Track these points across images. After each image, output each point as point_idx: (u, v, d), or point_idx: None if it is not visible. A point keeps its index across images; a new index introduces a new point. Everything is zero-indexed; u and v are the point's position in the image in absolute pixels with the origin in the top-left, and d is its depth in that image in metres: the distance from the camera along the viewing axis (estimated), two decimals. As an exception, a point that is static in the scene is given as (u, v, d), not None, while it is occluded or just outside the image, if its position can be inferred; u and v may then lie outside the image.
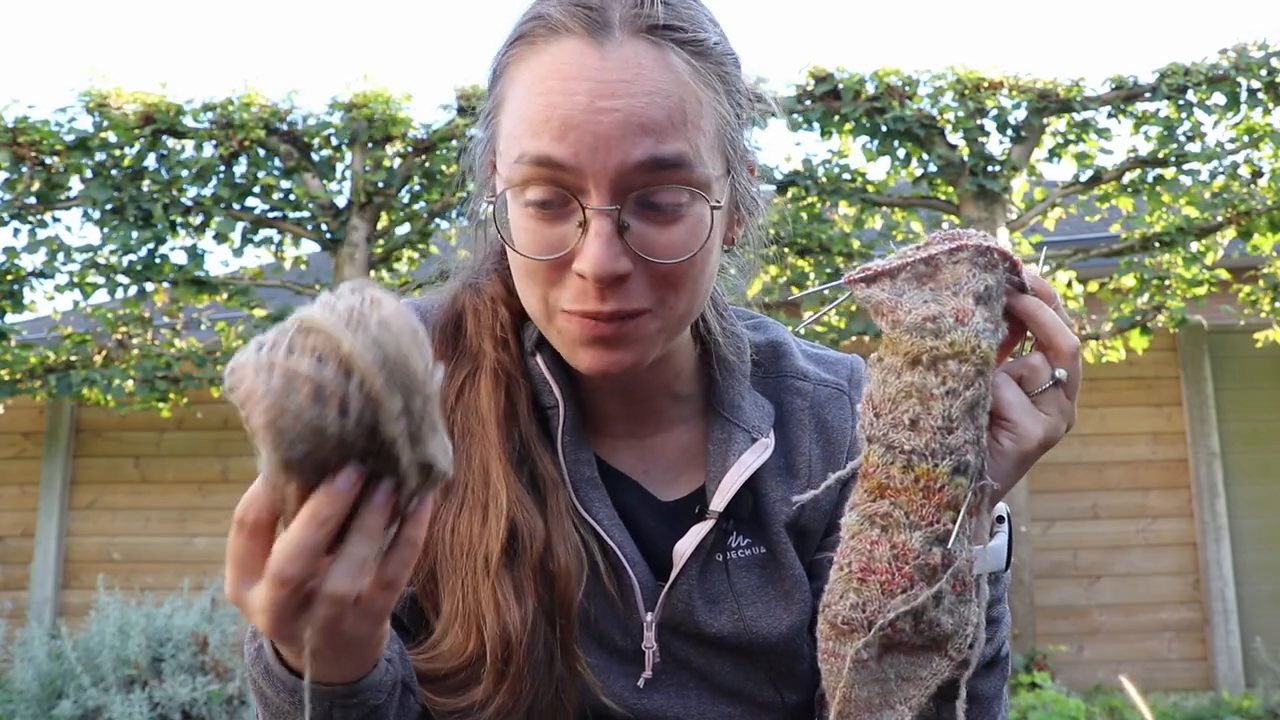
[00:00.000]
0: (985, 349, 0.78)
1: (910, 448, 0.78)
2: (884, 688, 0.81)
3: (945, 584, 0.78)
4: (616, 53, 0.89)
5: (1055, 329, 0.83)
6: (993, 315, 0.79)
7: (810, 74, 6.39)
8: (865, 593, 0.78)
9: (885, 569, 0.78)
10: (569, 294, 0.92)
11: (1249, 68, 6.15)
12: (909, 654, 0.81)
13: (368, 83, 6.61)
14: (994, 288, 0.80)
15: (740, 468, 1.03)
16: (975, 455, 0.78)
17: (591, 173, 0.87)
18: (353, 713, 0.82)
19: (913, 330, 0.79)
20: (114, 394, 6.47)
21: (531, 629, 0.93)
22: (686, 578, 1.02)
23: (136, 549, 7.35)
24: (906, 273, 0.80)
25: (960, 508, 0.78)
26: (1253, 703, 5.92)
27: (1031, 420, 0.83)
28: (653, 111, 0.88)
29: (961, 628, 0.80)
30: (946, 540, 0.78)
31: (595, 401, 1.07)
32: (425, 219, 6.67)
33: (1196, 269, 6.27)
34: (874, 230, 6.65)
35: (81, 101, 6.47)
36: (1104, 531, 6.92)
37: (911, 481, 0.77)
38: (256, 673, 0.84)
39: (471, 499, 0.97)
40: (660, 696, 1.02)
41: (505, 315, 1.05)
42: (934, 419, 0.77)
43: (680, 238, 0.91)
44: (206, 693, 5.05)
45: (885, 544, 0.78)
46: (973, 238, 0.81)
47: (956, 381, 0.77)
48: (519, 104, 0.92)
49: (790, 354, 1.14)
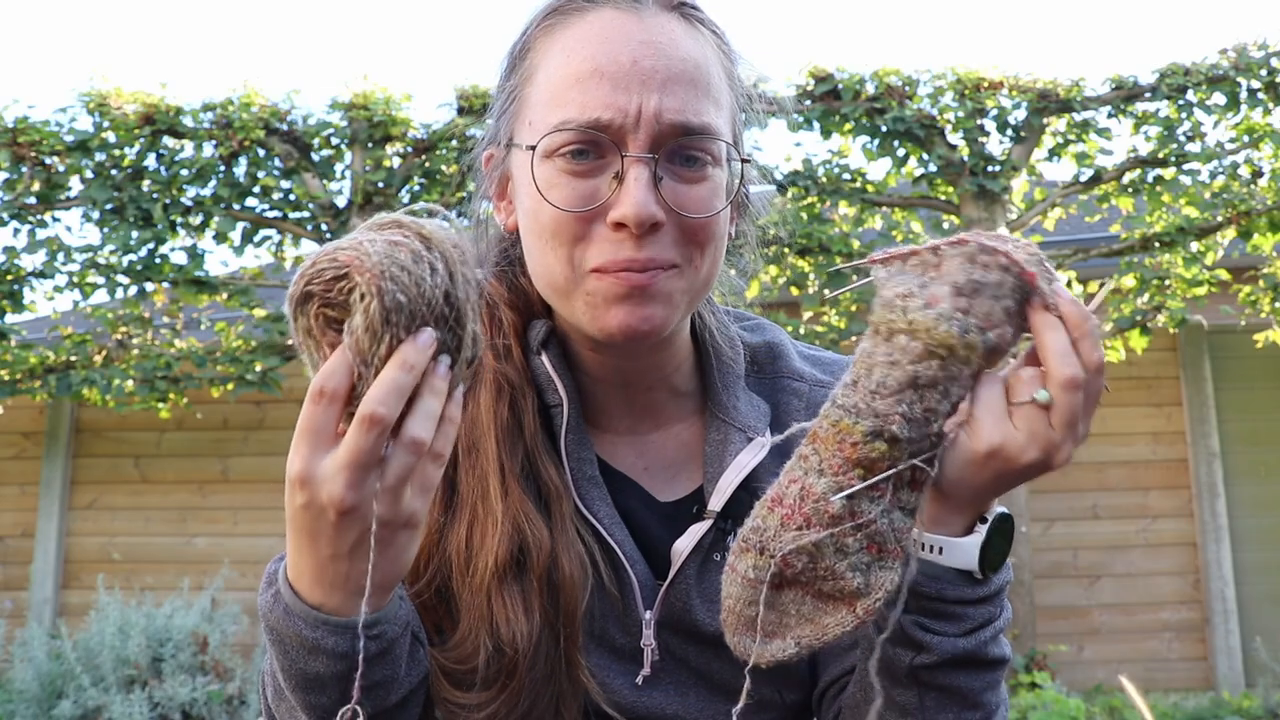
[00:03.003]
0: (942, 334, 0.79)
1: (842, 403, 0.82)
2: (781, 618, 0.86)
3: (853, 540, 0.82)
4: (652, 20, 0.96)
5: (1055, 353, 0.80)
6: (976, 309, 0.80)
7: (810, 74, 6.39)
8: (768, 520, 0.84)
9: (789, 504, 0.83)
10: (599, 249, 0.94)
11: (1249, 68, 6.15)
12: (816, 598, 0.85)
13: (368, 83, 6.62)
14: (987, 284, 0.80)
15: (737, 468, 1.03)
16: (906, 429, 0.80)
17: (631, 124, 0.92)
18: (372, 644, 0.84)
19: (884, 305, 0.82)
20: (114, 394, 6.47)
21: (536, 643, 0.94)
22: (685, 577, 1.02)
23: (136, 549, 7.35)
24: (916, 260, 0.83)
25: (873, 469, 0.81)
26: (1253, 703, 5.92)
27: (992, 424, 0.81)
28: (690, 72, 0.94)
29: (873, 590, 0.83)
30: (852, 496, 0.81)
31: (597, 397, 1.07)
32: (425, 219, 6.66)
33: (1196, 269, 6.27)
34: (874, 230, 6.65)
35: (81, 101, 6.47)
36: (1104, 531, 6.92)
37: (833, 433, 0.82)
38: (275, 618, 0.85)
39: (478, 514, 0.97)
40: (659, 694, 1.02)
41: (509, 318, 1.05)
42: (870, 383, 0.81)
43: (705, 195, 0.96)
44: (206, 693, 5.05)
45: (798, 484, 0.83)
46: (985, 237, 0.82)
47: (902, 355, 0.80)
48: (556, 68, 0.96)
49: (786, 355, 1.15)
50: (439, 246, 0.78)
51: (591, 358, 1.05)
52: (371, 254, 0.75)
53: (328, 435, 0.76)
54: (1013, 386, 0.83)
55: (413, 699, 0.94)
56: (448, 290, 0.77)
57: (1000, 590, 0.91)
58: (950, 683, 0.90)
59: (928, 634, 0.88)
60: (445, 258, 0.78)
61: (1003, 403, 0.82)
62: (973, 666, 0.90)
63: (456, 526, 0.97)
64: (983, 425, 0.82)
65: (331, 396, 0.75)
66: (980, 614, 0.89)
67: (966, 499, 0.86)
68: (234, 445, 7.43)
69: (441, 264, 0.77)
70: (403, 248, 0.76)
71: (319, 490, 0.76)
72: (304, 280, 0.77)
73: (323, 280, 0.76)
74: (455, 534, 0.97)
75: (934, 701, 0.90)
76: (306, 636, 0.83)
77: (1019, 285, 0.81)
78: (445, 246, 0.78)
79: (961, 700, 0.91)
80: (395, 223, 0.79)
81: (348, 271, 0.75)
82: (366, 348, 0.75)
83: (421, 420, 0.76)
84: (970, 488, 0.84)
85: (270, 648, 0.88)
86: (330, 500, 0.75)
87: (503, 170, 1.05)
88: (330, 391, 0.75)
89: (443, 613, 0.98)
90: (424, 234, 0.78)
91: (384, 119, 6.49)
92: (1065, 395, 0.80)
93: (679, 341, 1.08)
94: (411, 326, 0.76)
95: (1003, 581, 0.91)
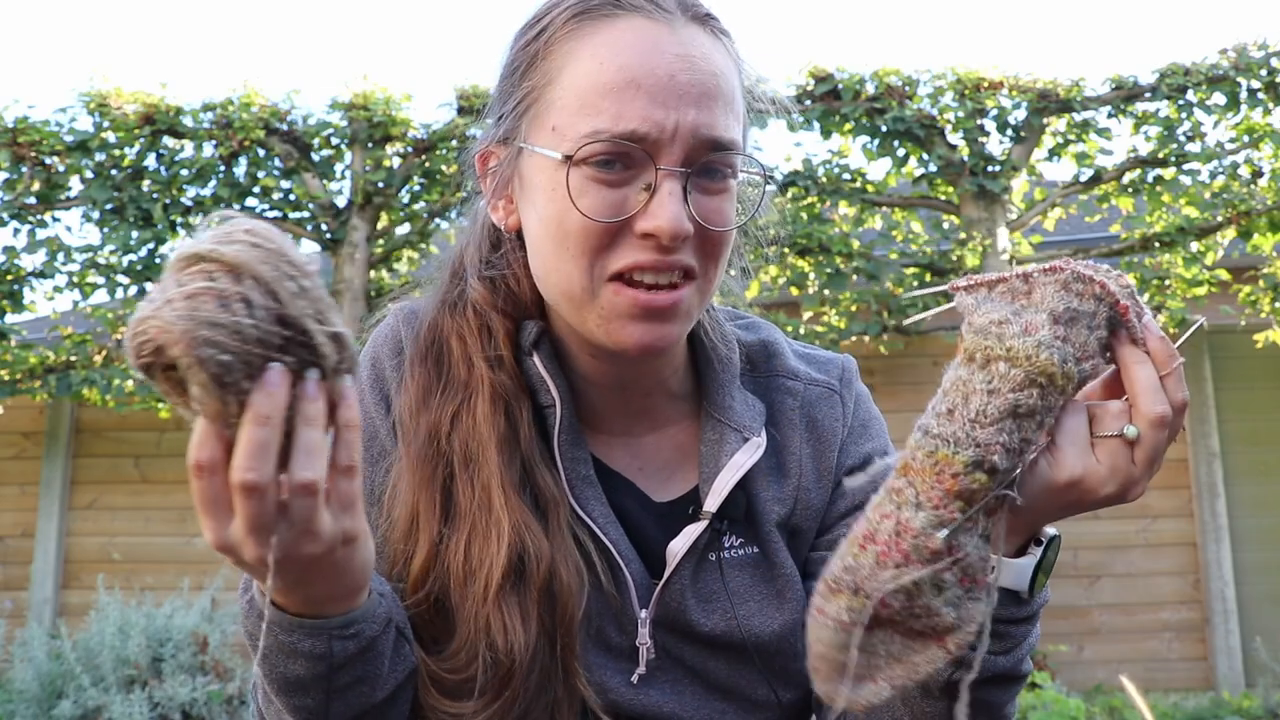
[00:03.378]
0: (1044, 361, 0.77)
1: (938, 433, 0.79)
2: (870, 660, 0.82)
3: (950, 575, 0.79)
4: (684, 32, 0.96)
5: (1144, 388, 0.80)
6: (1073, 338, 0.79)
7: (810, 74, 6.38)
8: (861, 559, 0.80)
9: (884, 541, 0.79)
10: (622, 255, 0.93)
11: (1249, 68, 6.15)
12: (906, 636, 0.82)
13: (368, 83, 6.62)
14: (1083, 313, 0.80)
15: (733, 469, 1.03)
16: (1004, 458, 0.78)
17: (668, 138, 0.92)
18: (350, 644, 0.85)
19: (979, 331, 0.80)
20: (114, 394, 6.47)
21: (533, 653, 0.94)
22: (680, 577, 1.02)
23: (136, 549, 7.35)
24: (1003, 286, 0.82)
25: (973, 501, 0.78)
26: (1253, 703, 5.92)
27: (1075, 455, 0.81)
28: (720, 87, 0.95)
29: (964, 624, 0.80)
30: (951, 527, 0.78)
31: (591, 399, 1.07)
32: (425, 219, 6.67)
33: (1196, 269, 6.27)
34: (874, 230, 6.65)
35: (82, 101, 6.47)
36: (1104, 531, 6.92)
37: (930, 464, 0.79)
38: (251, 624, 0.87)
39: (477, 525, 0.97)
40: (655, 692, 1.02)
41: (500, 323, 1.04)
42: (969, 411, 0.78)
43: (724, 208, 0.96)
44: (206, 693, 5.05)
45: (892, 519, 0.79)
46: (1080, 265, 0.81)
47: (1001, 382, 0.78)
48: (586, 74, 0.94)
49: (781, 354, 1.14)
50: (248, 271, 0.70)
51: (587, 361, 1.04)
52: (175, 321, 0.68)
53: (223, 503, 0.73)
54: (1099, 419, 0.82)
55: (400, 695, 0.94)
56: (279, 314, 0.71)
57: (1039, 610, 0.92)
58: (983, 697, 0.91)
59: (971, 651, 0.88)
60: (260, 280, 0.70)
61: (1087, 434, 0.82)
62: (1005, 683, 0.92)
63: (455, 538, 0.97)
64: (1066, 456, 0.81)
65: (210, 469, 0.72)
66: (1020, 633, 0.91)
67: (1032, 523, 0.86)
68: (234, 445, 7.41)
69: (258, 291, 0.70)
70: (206, 296, 0.69)
71: (240, 554, 0.75)
72: (134, 354, 0.71)
73: (148, 353, 0.70)
74: (454, 546, 0.97)
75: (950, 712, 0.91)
76: (282, 640, 0.84)
77: (1111, 317, 0.81)
78: (255, 267, 0.71)
79: (988, 713, 0.93)
80: (195, 259, 0.71)
81: (162, 345, 0.69)
82: (218, 410, 0.71)
83: (304, 461, 0.73)
84: (1041, 514, 0.84)
85: (252, 653, 0.88)
86: (253, 559, 0.75)
87: (507, 170, 1.03)
88: (206, 464, 0.72)
89: (440, 624, 0.97)
90: (227, 263, 0.70)
91: (384, 119, 6.49)
92: (1153, 432, 0.80)
93: (677, 346, 1.08)
94: (253, 373, 0.70)
95: (1042, 602, 0.91)
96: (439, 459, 1.00)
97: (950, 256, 6.20)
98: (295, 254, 0.73)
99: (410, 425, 1.01)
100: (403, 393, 1.03)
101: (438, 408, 1.01)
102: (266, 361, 0.71)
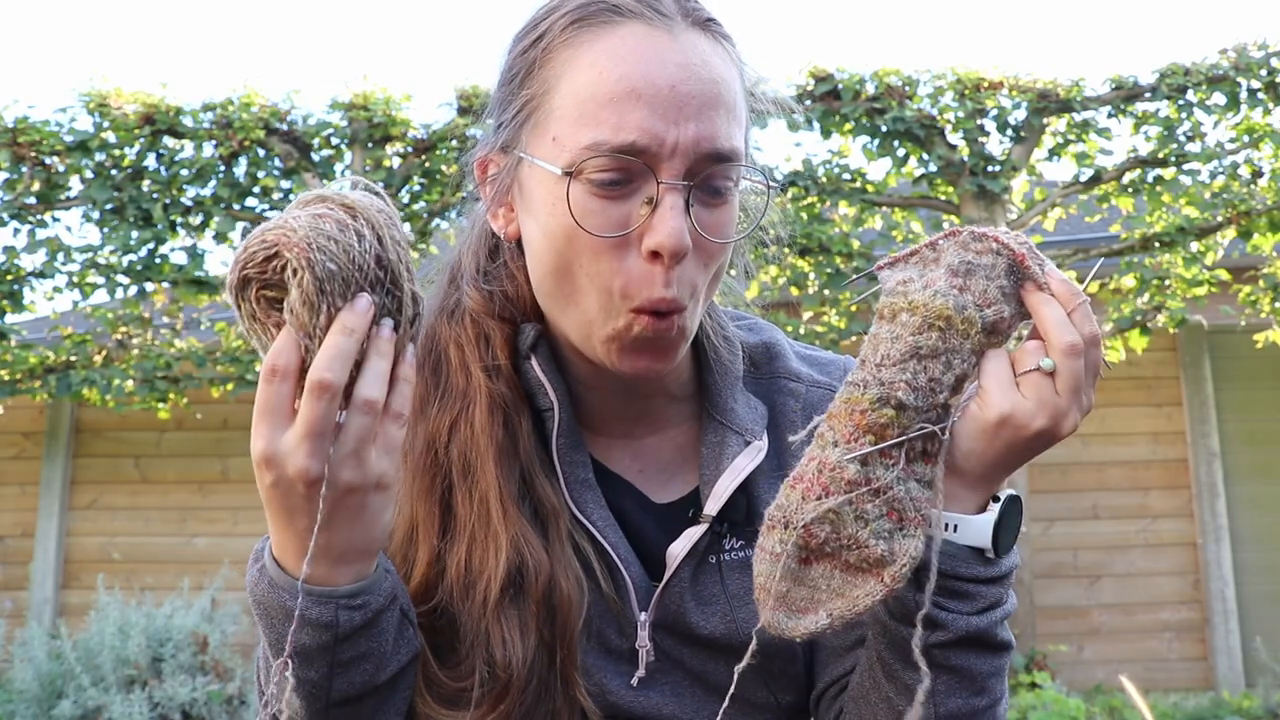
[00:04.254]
0: (939, 305, 0.85)
1: (852, 379, 0.88)
2: (812, 593, 0.88)
3: (873, 507, 0.85)
4: (684, 38, 0.94)
5: (1052, 324, 0.85)
6: (972, 287, 0.86)
7: (810, 74, 6.38)
8: (790, 496, 0.88)
9: (808, 479, 0.87)
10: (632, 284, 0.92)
11: (1249, 68, 6.15)
12: (844, 571, 0.87)
13: (368, 83, 6.61)
14: (979, 265, 0.87)
15: (734, 472, 1.03)
16: (912, 397, 0.85)
17: (669, 151, 0.91)
18: (356, 615, 0.85)
19: (888, 293, 0.89)
20: (114, 394, 6.47)
21: (531, 665, 0.94)
22: (679, 579, 1.02)
23: (136, 549, 7.35)
24: (915, 257, 0.91)
25: (884, 435, 0.86)
26: (1253, 703, 5.92)
27: (1001, 393, 0.85)
28: (722, 95, 0.94)
29: (898, 557, 0.86)
30: (866, 462, 0.86)
31: (591, 401, 1.07)
32: (425, 219, 6.66)
33: (1196, 269, 6.27)
34: (874, 230, 6.64)
35: (81, 101, 6.46)
36: (1104, 531, 6.92)
37: (844, 406, 0.88)
38: (260, 591, 0.86)
39: (476, 537, 0.97)
40: (654, 695, 1.02)
41: (497, 329, 1.03)
42: (876, 358, 0.87)
43: (724, 221, 0.96)
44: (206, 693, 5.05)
45: (815, 460, 0.88)
46: (977, 228, 0.90)
47: (903, 329, 0.86)
48: (586, 84, 0.92)
49: (783, 355, 1.14)
50: (364, 214, 0.80)
51: (586, 367, 1.03)
52: (297, 229, 0.77)
53: (284, 412, 0.78)
54: (1017, 358, 0.87)
55: (402, 680, 0.93)
56: (379, 254, 0.80)
57: (1009, 572, 0.92)
58: (961, 663, 0.91)
59: (943, 611, 0.89)
60: (372, 223, 0.80)
61: (1009, 373, 0.86)
62: (983, 647, 0.91)
63: (455, 550, 0.97)
64: (991, 395, 0.86)
65: (284, 374, 0.78)
66: (991, 594, 0.91)
67: (979, 473, 0.88)
68: (234, 445, 7.42)
69: (369, 230, 0.80)
70: (328, 219, 0.78)
71: (284, 465, 0.78)
72: (239, 266, 0.78)
73: (256, 263, 0.78)
74: (454, 558, 0.97)
75: (944, 685, 0.91)
76: (289, 607, 0.84)
77: (1011, 266, 0.88)
78: (370, 213, 0.80)
79: (970, 683, 0.92)
80: (319, 198, 0.81)
81: (277, 249, 0.77)
82: (307, 320, 0.77)
83: (371, 381, 0.79)
84: (982, 460, 0.87)
85: (258, 623, 0.89)
86: (296, 473, 0.78)
87: (507, 179, 1.01)
88: (281, 369, 0.78)
89: (443, 637, 0.97)
90: (348, 204, 0.80)
91: (384, 119, 6.48)
92: (1067, 361, 0.84)
93: None
94: (347, 293, 0.78)
95: (1012, 564, 0.92)
96: (437, 469, 1.00)
97: (950, 256, 6.19)
98: (400, 223, 0.83)
99: (408, 434, 1.00)
100: None
101: (435, 417, 1.01)
102: (360, 289, 0.79)
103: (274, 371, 0.78)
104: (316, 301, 0.77)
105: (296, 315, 0.77)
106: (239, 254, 0.79)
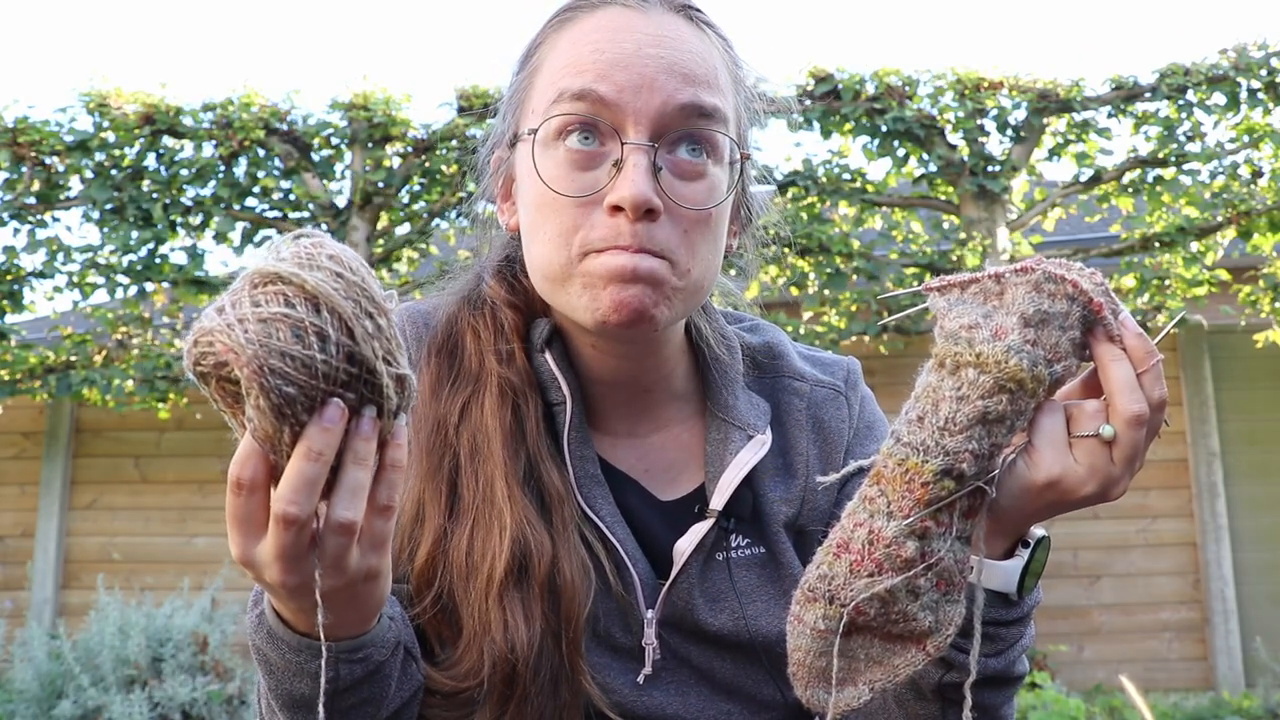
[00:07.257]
0: (1013, 367, 0.77)
1: (908, 441, 0.79)
2: (850, 665, 0.83)
3: (925, 580, 0.80)
4: (659, 16, 0.97)
5: (1119, 387, 0.79)
6: (1044, 341, 0.78)
7: (810, 74, 6.38)
8: (835, 567, 0.81)
9: (858, 550, 0.80)
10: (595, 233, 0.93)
11: (1249, 68, 6.15)
12: (885, 640, 0.83)
13: (368, 83, 6.61)
14: (1054, 314, 0.79)
15: (738, 466, 1.03)
16: (973, 465, 0.78)
17: (634, 110, 0.92)
18: (357, 668, 0.84)
19: (949, 336, 0.80)
20: (114, 394, 6.47)
21: (538, 650, 0.93)
22: (687, 576, 1.02)
23: (136, 549, 7.34)
24: (975, 287, 0.82)
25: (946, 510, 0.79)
26: (1253, 703, 5.92)
27: (1053, 456, 0.80)
28: (694, 65, 0.95)
29: (942, 626, 0.81)
30: (924, 537, 0.79)
31: (597, 399, 1.07)
32: (425, 219, 6.67)
33: (1196, 269, 6.27)
34: (874, 230, 6.65)
35: (81, 101, 6.47)
36: (1104, 531, 6.92)
37: (900, 473, 0.79)
38: (260, 639, 0.85)
39: (480, 520, 0.97)
40: (660, 693, 1.02)
41: (511, 318, 1.05)
42: (938, 419, 0.78)
43: (701, 192, 0.96)
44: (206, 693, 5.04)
45: (865, 527, 0.80)
46: (1051, 265, 0.80)
47: (971, 389, 0.78)
48: (560, 58, 0.97)
49: (786, 355, 1.15)
50: (328, 302, 0.68)
51: (592, 355, 1.04)
52: (245, 343, 0.66)
53: (257, 523, 0.73)
54: (1075, 418, 0.81)
55: (404, 713, 0.93)
56: (350, 351, 0.69)
57: (1031, 611, 0.91)
58: (977, 699, 0.90)
59: (961, 654, 0.88)
60: (337, 313, 0.69)
61: (1064, 434, 0.81)
62: (999, 685, 0.92)
63: (459, 532, 0.97)
64: (1043, 456, 0.80)
65: (249, 487, 0.72)
66: (1011, 635, 0.90)
67: (1015, 524, 0.85)
68: (234, 445, 7.35)
69: (334, 325, 0.68)
70: (281, 325, 0.67)
71: (262, 573, 0.75)
72: (192, 361, 0.70)
73: (208, 363, 0.69)
74: (458, 540, 0.97)
75: (955, 716, 0.90)
76: (290, 660, 0.83)
77: (1085, 315, 0.80)
78: (335, 300, 0.68)
79: (984, 714, 0.92)
80: (275, 277, 0.69)
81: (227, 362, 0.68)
82: (269, 436, 0.69)
83: (346, 501, 0.72)
84: (1022, 515, 0.84)
85: (258, 669, 0.88)
86: (275, 582, 0.74)
87: (507, 171, 1.05)
88: (247, 483, 0.71)
89: (445, 623, 0.97)
90: (308, 291, 0.68)
91: (384, 119, 6.48)
92: (1130, 431, 0.79)
93: (675, 342, 1.08)
94: (313, 406, 0.69)
95: (1034, 603, 0.91)
96: (445, 450, 1.00)
97: (950, 257, 6.20)
98: (376, 287, 0.71)
99: (420, 415, 1.01)
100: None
101: (447, 399, 1.02)
102: (329, 397, 0.69)
103: (239, 485, 0.71)
104: (278, 423, 0.68)
105: (259, 429, 0.69)
106: (189, 346, 0.70)
